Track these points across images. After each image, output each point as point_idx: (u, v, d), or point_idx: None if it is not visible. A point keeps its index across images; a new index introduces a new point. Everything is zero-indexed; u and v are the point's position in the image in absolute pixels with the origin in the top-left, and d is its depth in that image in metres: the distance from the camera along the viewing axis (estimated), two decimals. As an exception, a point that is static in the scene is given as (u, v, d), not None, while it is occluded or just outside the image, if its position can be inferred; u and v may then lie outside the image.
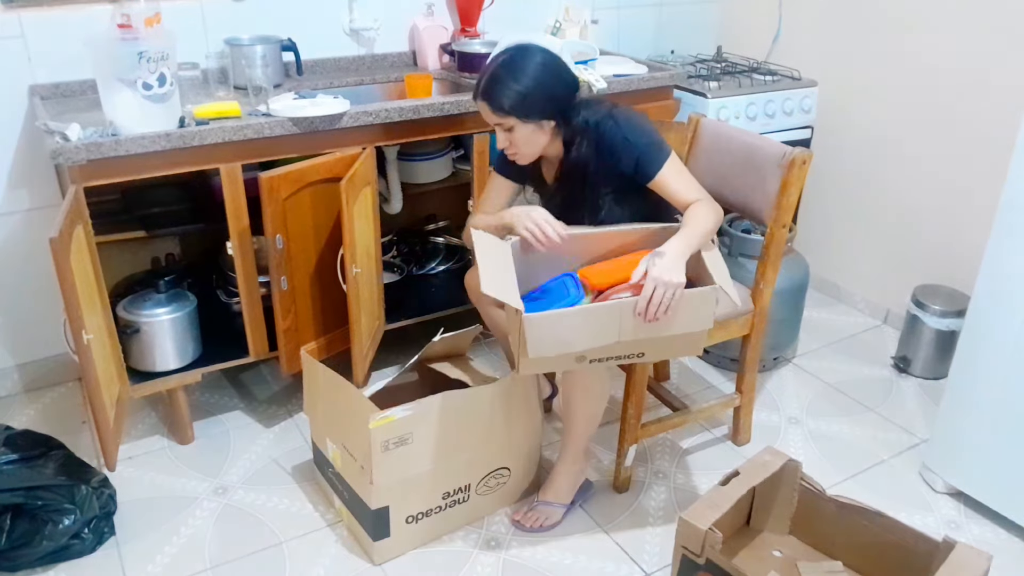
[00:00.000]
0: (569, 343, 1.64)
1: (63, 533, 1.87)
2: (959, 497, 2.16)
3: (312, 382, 2.03)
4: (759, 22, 3.19)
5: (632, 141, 1.83)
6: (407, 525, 1.92)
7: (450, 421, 1.87)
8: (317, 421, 2.05)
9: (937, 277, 2.75)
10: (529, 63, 1.79)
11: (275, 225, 2.08)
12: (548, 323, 1.60)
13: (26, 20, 2.23)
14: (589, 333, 1.64)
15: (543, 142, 1.86)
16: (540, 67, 1.79)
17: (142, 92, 1.92)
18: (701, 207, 1.81)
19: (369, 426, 1.74)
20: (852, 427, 2.45)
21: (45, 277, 2.35)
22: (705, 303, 1.70)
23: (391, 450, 1.78)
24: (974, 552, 1.57)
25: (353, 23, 2.68)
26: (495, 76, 1.79)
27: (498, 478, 2.05)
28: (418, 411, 1.81)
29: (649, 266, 1.65)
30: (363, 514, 1.90)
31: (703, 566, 1.63)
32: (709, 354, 2.76)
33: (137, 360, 2.21)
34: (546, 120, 1.82)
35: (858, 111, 2.92)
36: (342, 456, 1.92)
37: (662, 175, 1.83)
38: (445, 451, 1.89)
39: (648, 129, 1.87)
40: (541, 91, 1.79)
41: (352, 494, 1.92)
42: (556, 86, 1.82)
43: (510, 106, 1.78)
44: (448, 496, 1.97)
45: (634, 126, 1.85)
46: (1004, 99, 2.46)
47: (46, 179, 2.38)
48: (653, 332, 1.68)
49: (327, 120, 2.14)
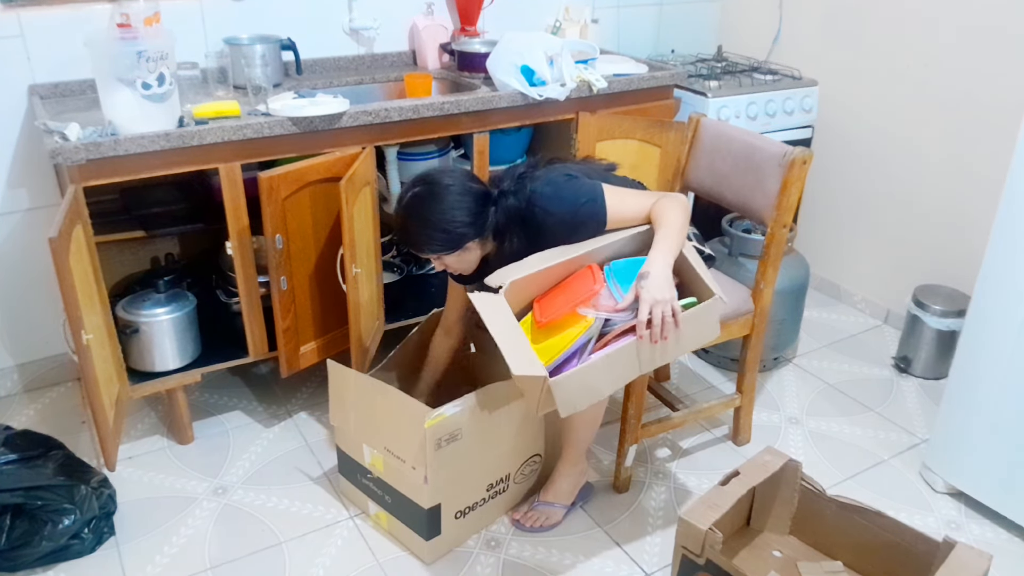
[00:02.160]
0: (597, 391, 1.65)
1: (63, 533, 1.87)
2: (959, 497, 2.15)
3: (341, 389, 1.99)
4: (759, 22, 3.19)
5: (564, 215, 1.77)
6: (456, 521, 1.94)
7: (493, 414, 1.89)
8: (348, 429, 2.01)
9: (937, 277, 2.75)
10: (432, 202, 1.77)
11: (275, 225, 2.08)
12: (574, 382, 1.58)
13: (26, 20, 2.23)
14: (612, 376, 1.64)
15: (477, 256, 1.85)
16: (444, 201, 1.77)
17: (141, 92, 1.92)
18: (662, 208, 1.77)
19: (424, 425, 1.74)
20: (852, 427, 2.45)
21: (45, 277, 2.36)
22: (710, 314, 1.72)
23: (443, 447, 1.80)
24: (974, 552, 1.57)
25: (353, 22, 2.68)
26: (405, 226, 1.82)
27: (532, 465, 2.09)
28: (466, 406, 1.82)
29: (639, 290, 1.63)
30: (414, 515, 1.90)
31: (703, 566, 1.63)
32: (709, 354, 2.76)
33: (137, 360, 2.20)
34: (469, 243, 1.80)
35: (858, 111, 2.92)
36: (385, 460, 1.91)
37: (611, 216, 1.79)
38: (490, 443, 1.92)
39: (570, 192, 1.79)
40: (452, 225, 1.76)
41: (398, 497, 1.92)
42: (468, 210, 1.78)
43: (433, 250, 1.81)
44: (491, 488, 2.00)
45: (560, 199, 1.78)
46: (1004, 98, 2.46)
47: (45, 179, 2.38)
48: (669, 353, 1.69)
49: (327, 120, 2.14)
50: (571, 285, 1.74)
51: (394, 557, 1.96)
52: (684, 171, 2.31)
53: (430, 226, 1.78)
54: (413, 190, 1.81)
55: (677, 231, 1.73)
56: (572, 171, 1.86)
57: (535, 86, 2.39)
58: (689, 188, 2.32)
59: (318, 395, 2.56)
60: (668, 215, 1.75)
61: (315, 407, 2.51)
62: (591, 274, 1.72)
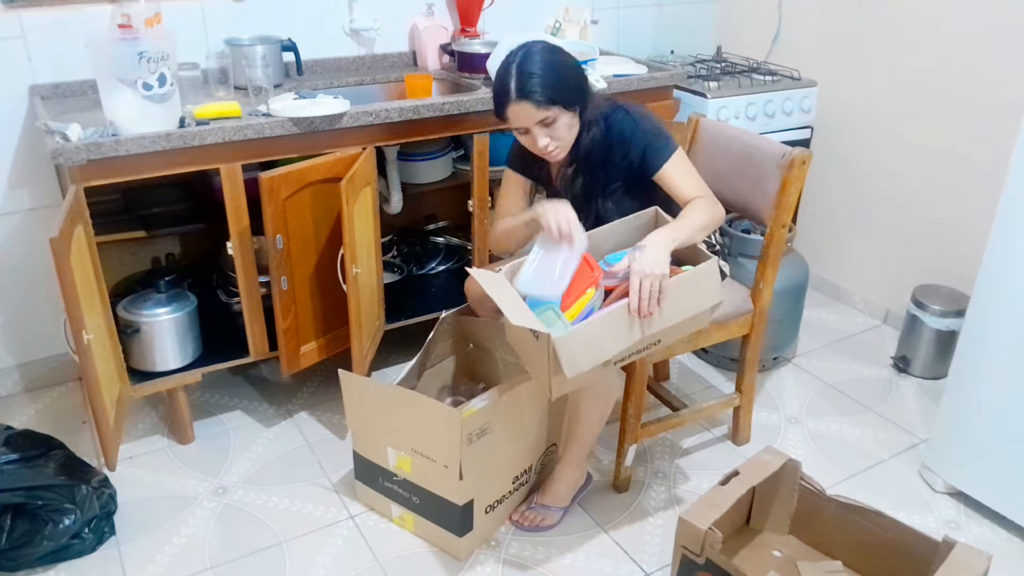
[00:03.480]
0: (602, 351, 1.64)
1: (63, 533, 1.88)
2: (959, 497, 2.16)
3: (356, 397, 1.98)
4: (759, 22, 3.19)
5: (642, 129, 1.84)
6: (486, 515, 1.96)
7: (519, 406, 1.91)
8: (369, 434, 2.00)
9: (937, 277, 2.75)
10: (548, 55, 1.78)
11: (275, 225, 2.08)
12: (577, 339, 1.58)
13: (26, 20, 2.23)
14: (616, 336, 1.64)
15: (576, 130, 1.84)
16: (559, 56, 1.80)
17: (142, 92, 1.92)
18: (699, 204, 1.79)
19: (463, 415, 1.76)
20: (852, 427, 2.45)
21: (45, 277, 2.36)
22: (709, 277, 1.72)
23: (474, 442, 1.81)
24: (974, 552, 1.57)
25: (353, 23, 2.68)
26: (525, 73, 1.74)
27: (549, 455, 2.11)
28: (493, 399, 1.84)
29: (631, 261, 1.64)
30: (446, 513, 1.90)
31: (703, 566, 1.63)
32: (709, 354, 2.76)
33: (137, 360, 2.21)
34: (578, 106, 1.81)
35: (858, 111, 2.92)
36: (413, 462, 1.91)
37: (667, 168, 1.83)
38: (516, 436, 1.94)
39: (656, 122, 1.88)
40: (571, 77, 1.79)
41: (428, 497, 1.92)
42: (577, 72, 1.82)
43: (554, 96, 1.74)
44: (516, 480, 2.03)
45: (643, 116, 1.86)
46: (1004, 98, 2.46)
47: (46, 179, 2.38)
48: (671, 318, 1.68)
49: (327, 120, 2.14)
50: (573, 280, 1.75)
51: (395, 557, 1.96)
52: (684, 171, 2.31)
53: (553, 72, 1.75)
54: (533, 44, 1.80)
55: (693, 227, 1.74)
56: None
57: (535, 86, 2.39)
58: (689, 188, 2.32)
59: (319, 395, 2.57)
60: (696, 212, 1.77)
61: (316, 407, 2.51)
62: (587, 264, 1.73)
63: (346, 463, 2.17)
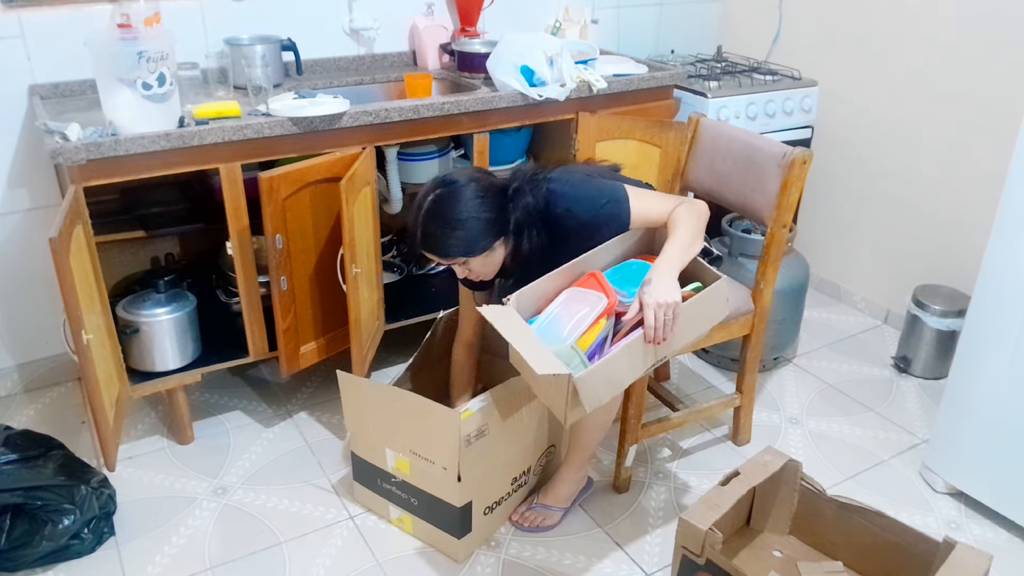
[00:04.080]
0: (619, 383, 1.66)
1: (63, 533, 1.87)
2: (959, 497, 2.15)
3: (354, 398, 1.98)
4: (759, 22, 3.19)
5: (589, 218, 1.76)
6: (484, 516, 1.96)
7: (516, 408, 1.91)
8: (367, 435, 1.99)
9: (937, 277, 2.75)
10: (456, 203, 1.70)
11: (275, 225, 2.08)
12: (597, 376, 1.58)
13: (26, 20, 2.23)
14: (632, 366, 1.65)
15: (502, 256, 1.79)
16: (468, 201, 1.71)
17: (142, 92, 1.92)
18: (680, 216, 1.76)
19: (461, 417, 1.76)
20: (852, 427, 2.45)
21: (45, 277, 2.36)
22: (718, 295, 1.75)
23: (472, 444, 1.81)
24: (974, 552, 1.57)
25: (353, 23, 2.68)
26: (426, 233, 1.72)
27: (548, 456, 2.12)
28: (491, 400, 1.84)
29: (641, 296, 1.63)
30: (445, 515, 1.90)
31: (703, 566, 1.63)
32: (709, 354, 2.76)
33: (137, 360, 2.20)
34: (495, 243, 1.75)
35: (858, 111, 2.92)
36: (412, 463, 1.91)
37: (634, 216, 1.79)
38: (514, 437, 1.94)
39: (591, 192, 1.79)
40: (479, 224, 1.71)
41: (426, 499, 1.92)
42: (491, 210, 1.72)
43: (457, 252, 1.73)
44: (515, 481, 2.03)
45: (579, 199, 1.77)
46: (1004, 99, 2.46)
47: (46, 179, 2.38)
48: (682, 339, 1.70)
49: (327, 120, 2.14)
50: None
51: (394, 557, 1.96)
52: (684, 171, 2.31)
53: (457, 227, 1.70)
54: (433, 193, 1.73)
55: (688, 242, 1.72)
56: (590, 171, 1.85)
57: (535, 86, 2.39)
58: (689, 188, 2.32)
59: (318, 395, 2.57)
60: (683, 224, 1.74)
61: (315, 407, 2.51)
62: (596, 282, 1.72)
63: (346, 464, 2.17)
